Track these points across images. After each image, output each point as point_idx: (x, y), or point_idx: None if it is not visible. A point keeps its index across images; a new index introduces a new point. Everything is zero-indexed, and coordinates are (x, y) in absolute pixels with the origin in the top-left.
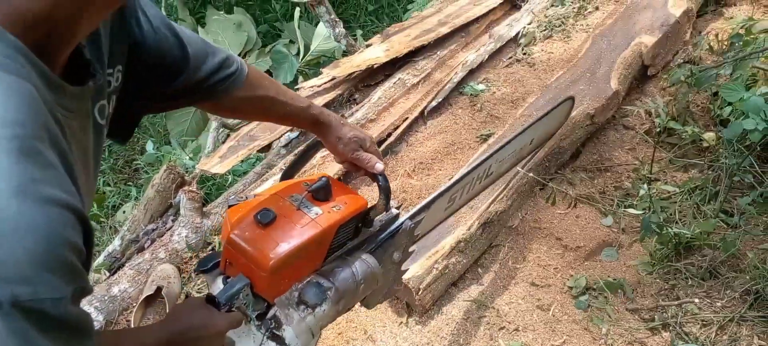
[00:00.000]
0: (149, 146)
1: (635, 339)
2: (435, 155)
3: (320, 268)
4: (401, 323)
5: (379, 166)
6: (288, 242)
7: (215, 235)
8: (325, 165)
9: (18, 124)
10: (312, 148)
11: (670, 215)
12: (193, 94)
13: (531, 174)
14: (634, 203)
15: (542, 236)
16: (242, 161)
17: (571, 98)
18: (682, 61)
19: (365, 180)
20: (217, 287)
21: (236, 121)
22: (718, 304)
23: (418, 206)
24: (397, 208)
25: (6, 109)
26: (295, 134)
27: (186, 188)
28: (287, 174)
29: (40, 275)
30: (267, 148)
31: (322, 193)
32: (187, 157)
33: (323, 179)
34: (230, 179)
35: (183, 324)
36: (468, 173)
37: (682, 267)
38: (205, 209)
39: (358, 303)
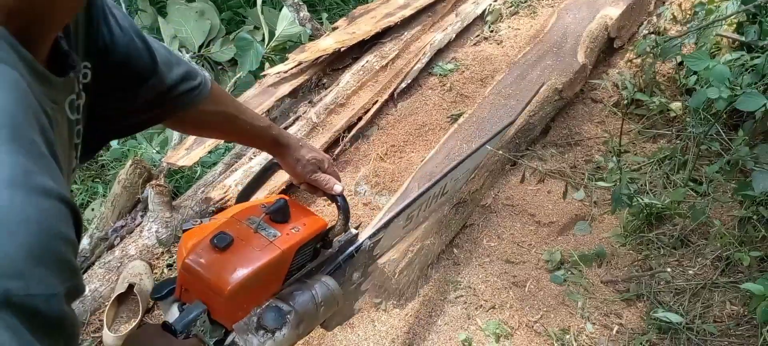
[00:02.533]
0: (113, 142)
1: (611, 311)
2: (407, 137)
3: (279, 291)
4: (379, 308)
5: (338, 187)
6: (246, 266)
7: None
8: None
9: (8, 112)
10: (268, 170)
11: (641, 186)
12: (159, 106)
13: (501, 152)
14: (605, 176)
15: (515, 213)
16: (210, 152)
17: (511, 123)
18: (647, 32)
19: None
20: (173, 314)
21: None
22: (691, 272)
23: (377, 227)
24: (356, 228)
25: None
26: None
27: (154, 182)
28: (243, 196)
29: (32, 270)
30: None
31: (280, 215)
32: (154, 151)
33: (281, 200)
34: (199, 171)
35: None
36: (424, 191)
37: (654, 237)
38: (174, 203)
39: (318, 325)
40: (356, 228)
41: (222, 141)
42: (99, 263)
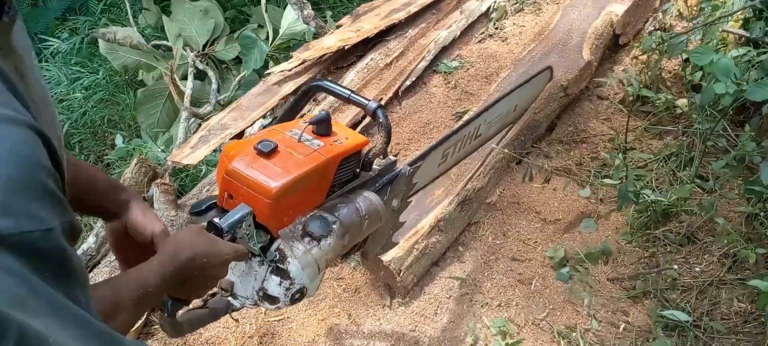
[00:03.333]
0: (119, 140)
1: (618, 309)
2: (411, 135)
3: (322, 204)
4: (384, 305)
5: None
6: (292, 170)
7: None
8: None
9: None
10: (307, 93)
11: (647, 182)
12: None
13: (506, 150)
14: (611, 173)
15: (521, 210)
16: (215, 151)
17: (549, 68)
18: (653, 28)
19: None
20: (216, 220)
21: (207, 110)
22: (697, 269)
23: (417, 155)
24: (395, 155)
25: None
26: (268, 120)
27: (159, 180)
28: (282, 119)
29: (20, 203)
30: (239, 136)
31: (323, 127)
32: (159, 150)
33: (323, 112)
34: (204, 170)
35: (186, 253)
36: (459, 128)
37: (660, 234)
38: (179, 202)
39: (358, 253)
40: (395, 155)
41: (227, 139)
42: (105, 262)
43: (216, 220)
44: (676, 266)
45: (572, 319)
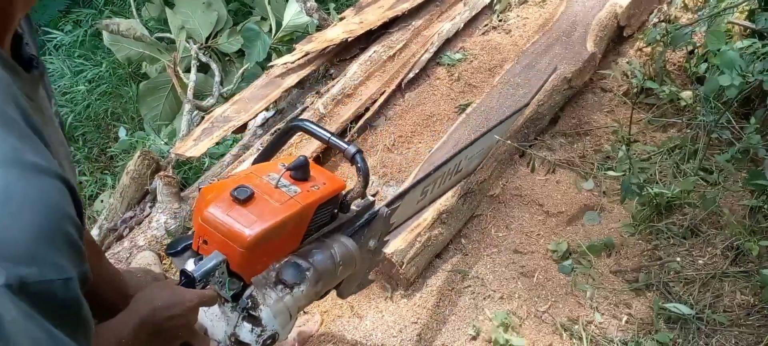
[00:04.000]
0: (122, 133)
1: (620, 301)
2: (414, 128)
3: (297, 249)
4: (387, 297)
5: None
6: (266, 218)
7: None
8: (301, 147)
9: None
10: (286, 133)
11: (651, 175)
12: None
13: (510, 142)
14: (614, 165)
15: (524, 203)
16: (218, 143)
17: (526, 105)
18: (657, 20)
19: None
20: (189, 268)
21: (210, 103)
22: (700, 262)
23: (394, 195)
24: (373, 195)
25: None
26: (271, 113)
27: (162, 173)
28: (262, 158)
29: (45, 253)
30: (242, 128)
31: (300, 172)
32: (162, 142)
33: (301, 157)
34: (207, 162)
35: (152, 305)
36: (440, 166)
37: (663, 227)
38: (182, 194)
39: (334, 291)
40: (373, 195)
41: (230, 132)
42: (108, 254)
43: (188, 269)
44: (679, 259)
45: (575, 311)
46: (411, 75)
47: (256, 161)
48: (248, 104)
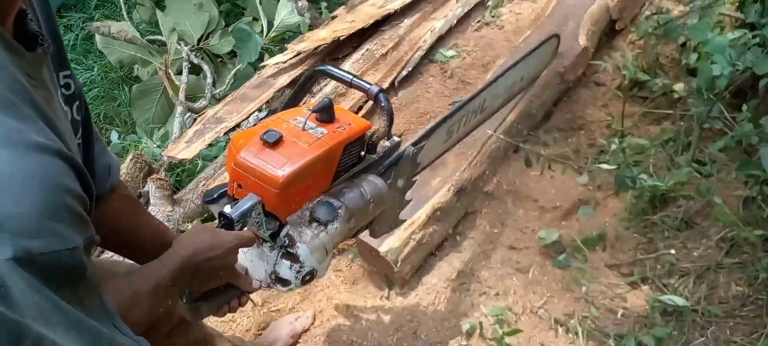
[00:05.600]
0: (114, 136)
1: (616, 295)
2: (408, 126)
3: (328, 189)
4: (382, 296)
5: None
6: (297, 159)
7: (188, 222)
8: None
9: None
10: (310, 78)
11: (645, 168)
12: None
13: (502, 136)
14: (607, 158)
15: (518, 198)
16: (211, 145)
17: (557, 35)
18: (649, 13)
19: None
20: (226, 210)
21: (203, 104)
22: (695, 254)
23: (420, 134)
24: (399, 136)
25: None
26: (263, 113)
27: (154, 176)
28: (288, 105)
29: (50, 225)
30: (234, 129)
31: (325, 114)
32: (155, 145)
33: (326, 100)
34: (200, 164)
35: (191, 247)
36: (464, 104)
37: (658, 220)
38: (175, 197)
39: (367, 232)
40: (399, 136)
41: (222, 133)
42: (103, 258)
43: (226, 211)
44: (673, 251)
45: (570, 306)
46: (404, 73)
47: (282, 108)
48: (240, 105)
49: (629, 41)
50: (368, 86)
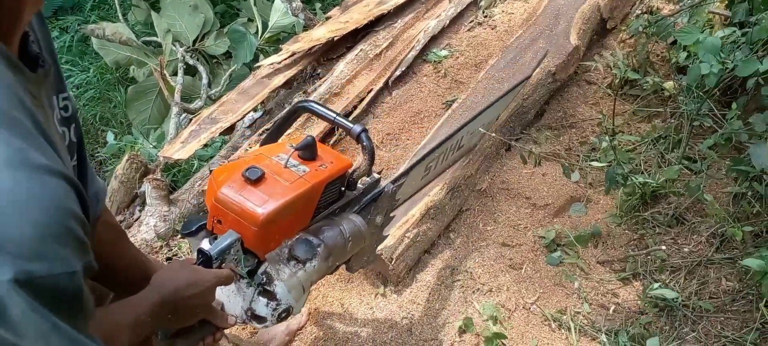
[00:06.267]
0: (110, 137)
1: (608, 291)
2: (402, 125)
3: (308, 227)
4: (377, 294)
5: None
6: (278, 197)
7: (184, 221)
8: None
9: None
10: (293, 113)
11: (636, 165)
12: None
13: (494, 135)
14: (598, 156)
15: (511, 196)
16: (206, 145)
17: (528, 77)
18: (640, 12)
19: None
20: (206, 247)
21: (198, 105)
22: (686, 249)
23: (398, 172)
24: (378, 173)
25: None
26: (259, 113)
27: (150, 176)
28: (269, 139)
29: (52, 248)
30: (230, 129)
31: (308, 152)
32: (151, 146)
33: (309, 137)
34: (196, 165)
35: (171, 285)
36: (442, 142)
37: (649, 216)
38: (171, 197)
39: (343, 267)
40: (378, 173)
41: (217, 133)
42: None
43: (205, 247)
44: (664, 247)
45: (563, 302)
46: (398, 72)
47: (263, 143)
48: (235, 105)
49: (620, 40)
50: (350, 126)
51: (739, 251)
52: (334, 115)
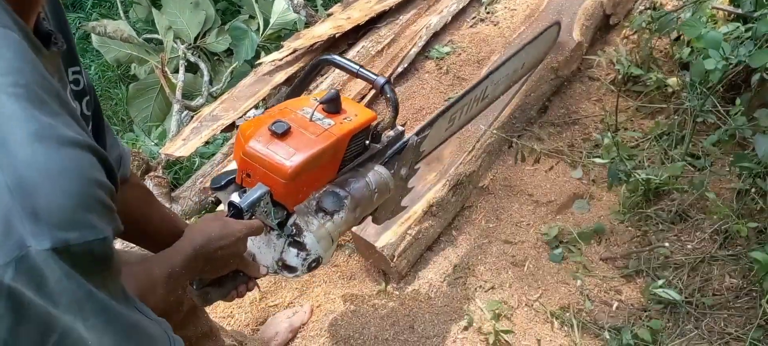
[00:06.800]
0: None
1: (610, 288)
2: (404, 122)
3: (335, 179)
4: (379, 290)
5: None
6: (305, 150)
7: (186, 219)
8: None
9: (17, 71)
10: (315, 68)
11: (639, 162)
12: None
13: (495, 131)
14: (601, 152)
15: (513, 193)
16: (207, 142)
17: (557, 23)
18: (643, 7)
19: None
20: (236, 200)
21: (200, 102)
22: (689, 246)
23: (423, 124)
24: (402, 125)
25: (1, 57)
26: (260, 110)
27: (152, 173)
28: (292, 93)
29: (84, 217)
30: (231, 127)
31: (332, 105)
32: (152, 143)
33: (333, 91)
34: (198, 162)
35: (203, 236)
36: (466, 93)
37: (652, 213)
38: (173, 194)
39: (370, 218)
40: (402, 125)
41: (219, 131)
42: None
43: (235, 200)
44: (668, 244)
45: (565, 299)
46: (400, 69)
47: (287, 97)
48: (237, 103)
49: (623, 36)
50: (374, 77)
51: (743, 248)
52: (358, 67)
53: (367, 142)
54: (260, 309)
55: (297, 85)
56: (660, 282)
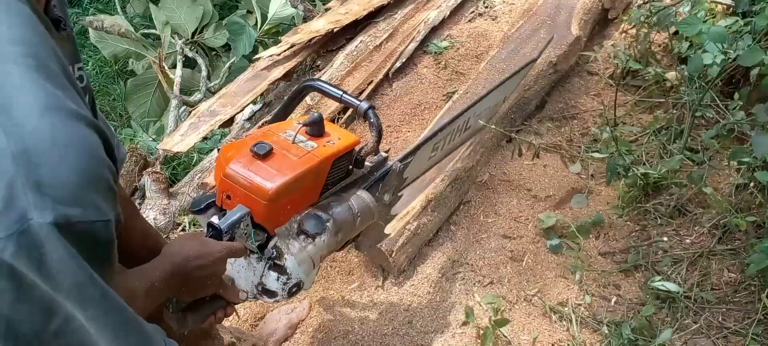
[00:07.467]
0: None
1: (609, 282)
2: (402, 117)
3: (317, 203)
4: (378, 286)
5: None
6: (287, 171)
7: (184, 215)
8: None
9: (27, 42)
10: (300, 93)
11: (638, 156)
12: None
13: (494, 127)
14: (600, 147)
15: (512, 188)
16: (205, 138)
17: (534, 60)
18: (642, 2)
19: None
20: (214, 221)
21: (197, 98)
22: (688, 240)
23: (406, 151)
24: (386, 152)
25: (10, 26)
26: (258, 106)
27: (150, 169)
28: (276, 119)
29: (88, 195)
30: (229, 122)
31: (316, 128)
32: (150, 139)
33: (316, 114)
34: (196, 157)
35: (182, 254)
36: (449, 123)
37: (651, 208)
38: (171, 190)
39: (352, 245)
40: (386, 152)
41: (217, 126)
42: None
43: (215, 221)
44: (666, 238)
45: (564, 294)
46: (398, 64)
47: (269, 122)
48: (235, 98)
49: (622, 30)
50: (358, 103)
51: (741, 242)
52: (341, 92)
53: (351, 166)
54: (259, 305)
55: (281, 110)
56: (659, 277)
